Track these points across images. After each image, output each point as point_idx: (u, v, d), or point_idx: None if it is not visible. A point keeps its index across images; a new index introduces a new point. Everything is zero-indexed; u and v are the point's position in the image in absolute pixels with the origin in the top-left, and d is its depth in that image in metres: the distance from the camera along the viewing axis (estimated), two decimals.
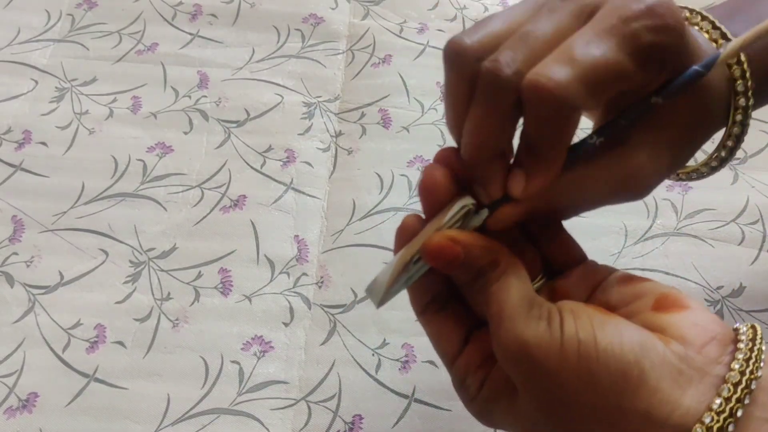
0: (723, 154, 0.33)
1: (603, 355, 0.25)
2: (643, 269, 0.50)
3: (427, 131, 0.57)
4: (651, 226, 0.52)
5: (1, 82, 0.58)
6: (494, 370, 0.29)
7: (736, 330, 0.27)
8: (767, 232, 0.51)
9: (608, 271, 0.31)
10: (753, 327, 0.26)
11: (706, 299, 0.48)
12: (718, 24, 0.31)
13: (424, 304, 0.31)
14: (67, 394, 0.44)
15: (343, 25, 0.63)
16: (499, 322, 0.27)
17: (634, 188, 0.29)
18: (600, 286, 0.30)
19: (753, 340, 0.26)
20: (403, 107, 0.58)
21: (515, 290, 0.27)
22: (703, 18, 0.32)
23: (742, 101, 0.31)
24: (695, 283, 0.49)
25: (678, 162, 0.31)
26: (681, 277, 0.49)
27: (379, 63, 0.60)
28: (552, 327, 0.26)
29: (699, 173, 0.35)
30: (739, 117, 0.32)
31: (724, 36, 0.31)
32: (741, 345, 0.25)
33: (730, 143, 0.33)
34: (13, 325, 0.46)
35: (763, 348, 0.25)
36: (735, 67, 0.31)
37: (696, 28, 0.32)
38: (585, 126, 0.29)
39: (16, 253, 0.49)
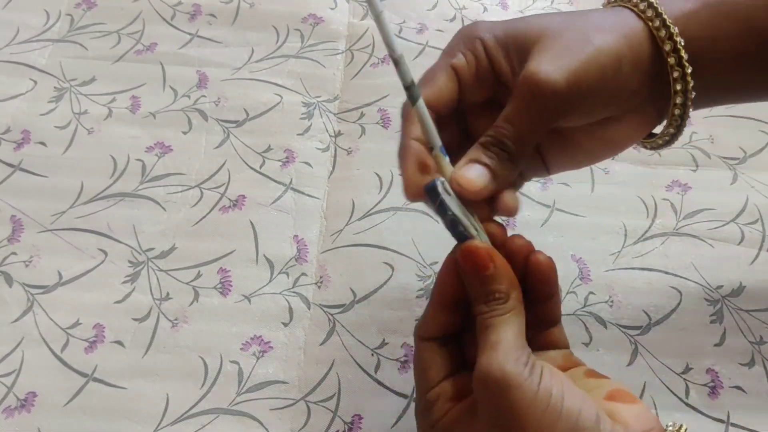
0: (671, 130, 0.36)
1: (566, 413, 0.29)
2: (642, 269, 0.50)
3: None
4: (650, 226, 0.52)
5: (0, 82, 0.58)
6: (459, 404, 0.32)
7: (668, 426, 0.32)
8: (767, 232, 0.51)
9: (579, 362, 0.36)
10: (680, 426, 0.31)
11: (705, 299, 0.48)
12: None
13: (430, 336, 0.34)
14: (65, 394, 0.44)
15: (342, 25, 0.63)
16: (493, 351, 0.30)
17: (541, 91, 0.32)
18: (569, 369, 0.35)
19: None
20: (402, 107, 0.57)
21: (514, 331, 0.31)
22: None
23: (679, 86, 0.34)
24: (695, 282, 0.49)
25: (578, 56, 0.33)
26: (681, 277, 0.49)
27: (378, 63, 0.60)
28: (533, 375, 0.29)
29: (656, 144, 0.38)
30: (678, 100, 0.34)
31: (651, 6, 0.33)
32: None
33: (674, 123, 0.35)
34: (11, 325, 0.46)
35: None
36: (672, 56, 0.33)
37: (629, 6, 0.35)
38: None
39: (14, 253, 0.49)
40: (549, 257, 0.34)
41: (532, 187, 0.53)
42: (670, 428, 0.31)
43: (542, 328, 0.35)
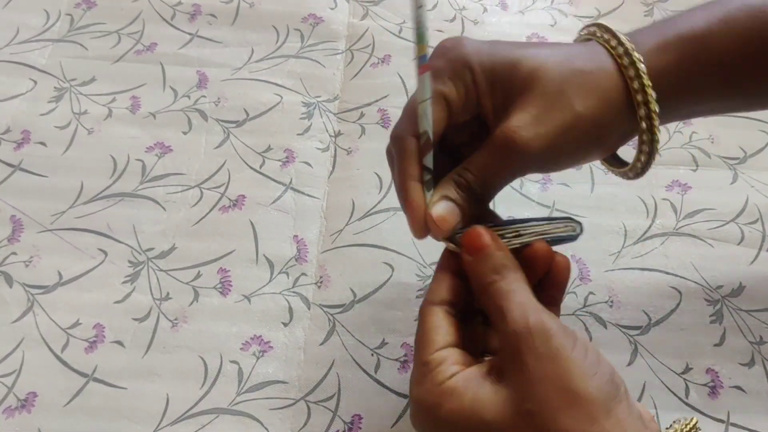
0: (642, 158, 0.37)
1: (602, 370, 0.30)
2: (642, 269, 0.50)
3: None
4: (650, 226, 0.52)
5: (0, 82, 0.58)
6: (470, 369, 0.31)
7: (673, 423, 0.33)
8: (767, 232, 0.51)
9: None
10: (692, 419, 0.33)
11: (705, 299, 0.48)
12: (617, 33, 0.35)
13: (438, 301, 0.34)
14: (65, 394, 0.44)
15: (342, 25, 0.63)
16: (526, 308, 0.30)
17: (512, 148, 0.34)
18: None
19: (688, 424, 0.32)
20: (402, 107, 0.57)
21: (533, 295, 0.32)
22: (604, 28, 0.36)
23: (643, 112, 0.34)
24: (695, 282, 0.49)
25: (551, 119, 0.34)
26: (680, 277, 0.49)
27: (378, 63, 0.60)
28: (567, 332, 0.30)
29: (627, 175, 0.39)
30: (644, 125, 0.35)
31: (621, 43, 0.34)
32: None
33: (644, 149, 0.36)
34: (11, 325, 0.46)
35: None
36: (634, 81, 0.34)
37: (595, 38, 0.36)
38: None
39: (15, 253, 0.49)
40: (568, 261, 0.35)
41: (532, 187, 0.53)
42: (675, 426, 0.31)
43: None
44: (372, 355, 0.46)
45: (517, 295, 0.31)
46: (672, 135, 0.56)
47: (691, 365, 0.46)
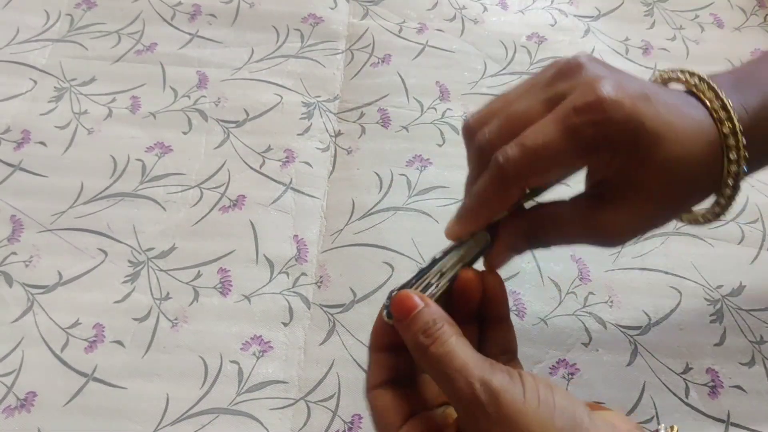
0: (716, 210, 0.36)
1: (559, 409, 0.28)
2: (642, 269, 0.50)
3: (426, 130, 0.57)
4: None
5: (0, 82, 0.58)
6: None
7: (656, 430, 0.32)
8: (767, 231, 0.51)
9: None
10: (672, 427, 0.32)
11: (705, 299, 0.48)
12: (720, 94, 0.33)
13: (379, 383, 0.33)
14: (65, 394, 0.44)
15: (342, 25, 0.63)
16: (466, 372, 0.29)
17: (605, 239, 0.34)
18: None
19: None
20: (403, 107, 0.58)
21: (470, 348, 0.30)
22: (707, 84, 0.34)
23: (734, 168, 0.33)
24: (695, 282, 0.49)
25: (656, 223, 0.34)
26: (681, 277, 0.49)
27: (378, 63, 0.60)
28: (513, 379, 0.29)
29: (693, 223, 0.38)
30: (730, 182, 0.34)
31: (724, 107, 0.33)
32: None
33: (722, 201, 0.35)
34: (11, 325, 0.46)
35: None
36: (730, 137, 0.33)
37: (695, 91, 0.34)
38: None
39: (15, 253, 0.49)
40: (499, 276, 0.34)
41: None
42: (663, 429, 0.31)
43: (501, 360, 0.34)
44: None
45: (455, 357, 0.30)
46: None
47: (691, 365, 0.46)
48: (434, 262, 0.34)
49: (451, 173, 0.54)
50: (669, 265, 0.50)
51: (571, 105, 0.31)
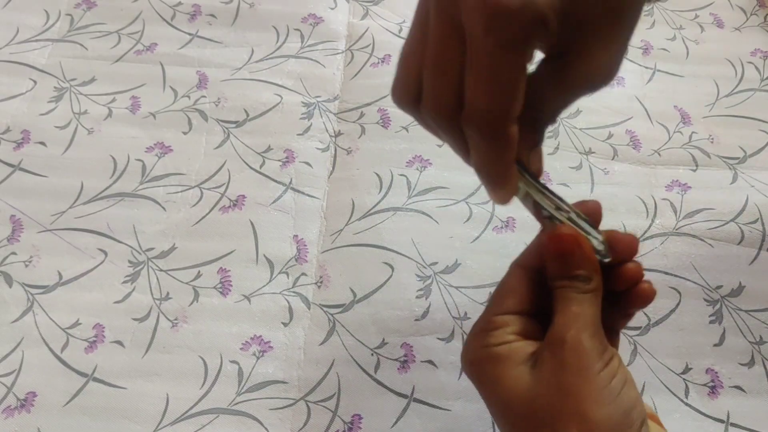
0: None
1: (620, 401, 0.30)
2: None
3: (426, 131, 0.56)
4: (650, 226, 0.52)
5: (0, 82, 0.58)
6: (520, 343, 0.32)
7: None
8: (766, 232, 0.51)
9: None
10: None
11: (705, 299, 0.48)
12: None
13: (529, 264, 0.34)
14: (65, 394, 0.44)
15: (342, 25, 0.63)
16: (573, 320, 0.31)
17: (601, 82, 0.32)
18: None
19: None
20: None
21: (593, 310, 0.32)
22: None
23: None
24: (694, 282, 0.49)
25: (629, 36, 0.33)
26: (680, 277, 0.49)
27: (378, 63, 0.60)
28: (604, 355, 0.30)
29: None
30: None
31: None
32: None
33: None
34: (11, 325, 0.46)
35: None
36: None
37: None
38: None
39: (14, 253, 0.49)
40: (651, 288, 0.34)
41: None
42: None
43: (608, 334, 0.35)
44: (372, 355, 0.46)
45: (576, 305, 0.32)
46: (672, 135, 0.56)
47: (691, 365, 0.46)
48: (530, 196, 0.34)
49: (451, 174, 0.54)
50: (668, 265, 0.50)
51: (479, 29, 0.29)
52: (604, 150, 0.55)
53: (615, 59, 0.32)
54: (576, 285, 0.32)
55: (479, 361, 0.32)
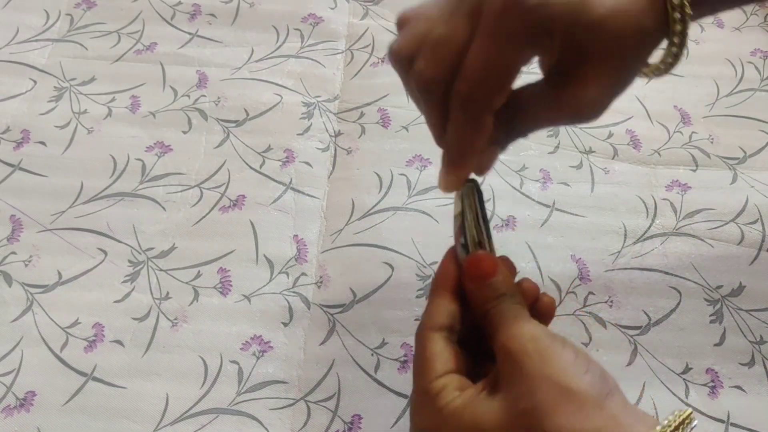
0: (669, 60, 0.35)
1: (594, 365, 0.30)
2: (642, 269, 0.50)
3: (426, 130, 0.56)
4: (650, 226, 0.52)
5: (0, 82, 0.58)
6: (469, 389, 0.32)
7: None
8: (766, 232, 0.51)
9: None
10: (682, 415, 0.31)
11: (705, 299, 0.48)
12: None
13: (436, 326, 0.34)
14: (64, 393, 0.44)
15: (342, 25, 0.63)
16: (515, 322, 0.32)
17: (586, 116, 0.34)
18: None
19: (681, 414, 0.30)
20: (403, 107, 0.58)
21: (526, 314, 0.33)
22: None
23: (677, 15, 0.33)
24: (694, 282, 0.49)
25: (622, 84, 0.34)
26: (680, 277, 0.49)
27: (378, 62, 0.60)
28: (556, 337, 0.31)
29: (649, 75, 0.37)
30: (678, 28, 0.33)
31: None
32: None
33: (673, 50, 0.34)
34: (11, 324, 0.46)
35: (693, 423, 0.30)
36: None
37: None
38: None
39: (14, 253, 0.49)
40: (552, 298, 0.36)
41: (532, 187, 0.53)
42: (670, 418, 0.31)
43: None
44: (372, 355, 0.46)
45: (512, 312, 0.32)
46: (672, 135, 0.56)
47: (691, 365, 0.46)
48: (462, 217, 0.35)
49: None
50: (669, 266, 0.50)
51: (491, 15, 0.31)
52: (605, 149, 0.55)
53: (604, 98, 0.33)
54: (506, 299, 0.33)
55: (437, 427, 0.31)
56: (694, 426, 0.30)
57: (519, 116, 0.34)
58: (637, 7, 0.32)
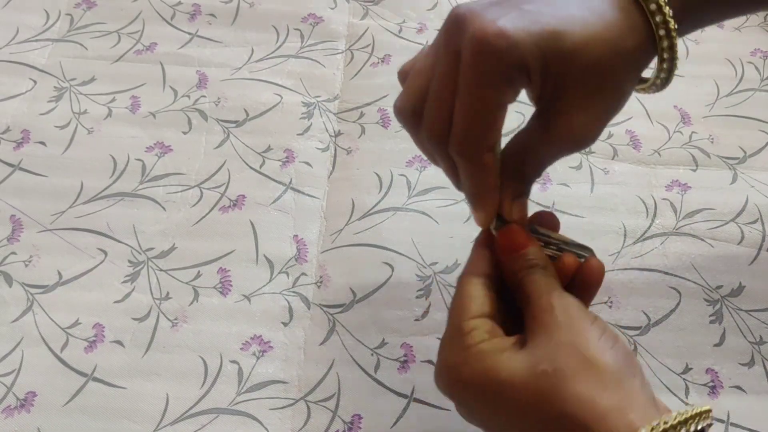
0: (663, 75, 0.36)
1: (621, 344, 0.31)
2: (642, 269, 0.50)
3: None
4: (650, 226, 0.52)
5: (0, 82, 0.58)
6: (499, 338, 0.32)
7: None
8: (766, 232, 0.51)
9: None
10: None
11: (705, 299, 0.48)
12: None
13: (476, 272, 0.35)
14: (65, 394, 0.44)
15: (342, 25, 0.63)
16: (546, 291, 0.32)
17: (580, 143, 0.35)
18: None
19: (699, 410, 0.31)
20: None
21: (557, 284, 0.34)
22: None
23: (662, 32, 0.33)
24: (694, 282, 0.49)
25: (612, 106, 0.34)
26: (680, 277, 0.49)
27: (378, 62, 0.60)
28: (588, 311, 0.32)
29: (648, 92, 0.38)
30: (665, 43, 0.34)
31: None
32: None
33: (664, 66, 0.35)
34: (11, 325, 0.46)
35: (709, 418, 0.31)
36: (650, 1, 0.33)
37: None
38: None
39: (14, 253, 0.49)
40: (601, 263, 0.36)
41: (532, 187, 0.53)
42: (683, 411, 0.31)
43: None
44: (372, 355, 0.46)
45: (545, 280, 0.33)
46: (672, 135, 0.56)
47: (691, 365, 0.46)
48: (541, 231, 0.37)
49: None
50: (668, 265, 0.50)
51: (466, 60, 0.31)
52: (604, 150, 0.55)
53: (594, 123, 0.34)
54: (537, 270, 0.33)
55: (459, 363, 0.32)
56: (710, 424, 0.30)
57: (525, 159, 0.35)
58: (612, 31, 0.32)
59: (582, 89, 0.33)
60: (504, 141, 0.35)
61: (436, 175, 0.54)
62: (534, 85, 0.32)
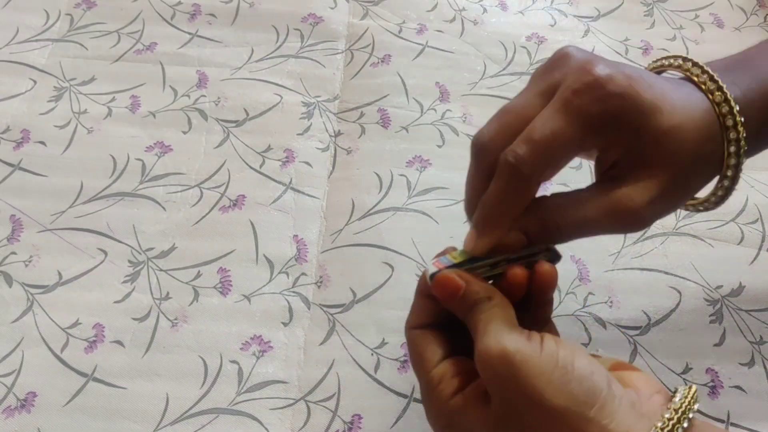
0: (720, 193, 0.36)
1: (577, 374, 0.29)
2: (642, 269, 0.50)
3: (426, 131, 0.57)
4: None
5: (0, 82, 0.58)
6: (469, 387, 0.32)
7: (675, 389, 0.31)
8: (766, 232, 0.51)
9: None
10: (690, 387, 0.31)
11: (705, 299, 0.48)
12: (715, 77, 0.34)
13: (419, 324, 0.34)
14: (65, 394, 0.44)
15: (342, 25, 0.63)
16: (487, 334, 0.30)
17: (625, 218, 0.33)
18: None
19: (686, 397, 0.30)
20: (402, 107, 0.58)
21: (503, 316, 0.31)
22: (699, 68, 0.35)
23: (733, 148, 0.34)
24: (694, 282, 0.49)
25: (673, 200, 0.34)
26: (680, 277, 0.49)
27: (378, 63, 0.60)
28: (532, 341, 0.30)
29: (699, 209, 0.38)
30: (732, 161, 0.35)
31: (719, 89, 0.34)
32: (676, 399, 0.30)
33: (725, 183, 0.36)
34: (11, 325, 0.46)
35: (694, 407, 0.30)
36: (728, 117, 0.33)
37: (690, 75, 0.35)
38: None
39: (14, 253, 0.49)
40: (552, 265, 0.34)
41: None
42: (681, 390, 0.31)
43: (535, 329, 0.35)
44: (372, 354, 0.46)
45: (487, 323, 0.31)
46: None
47: (691, 365, 0.46)
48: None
49: (450, 174, 0.54)
50: (669, 266, 0.50)
51: (569, 89, 0.31)
52: None
53: (654, 206, 0.33)
54: (479, 308, 0.32)
55: (447, 424, 0.32)
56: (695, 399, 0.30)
57: (563, 214, 0.33)
58: (697, 134, 0.33)
59: (658, 170, 0.32)
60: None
61: (436, 175, 0.54)
62: (616, 147, 0.32)
